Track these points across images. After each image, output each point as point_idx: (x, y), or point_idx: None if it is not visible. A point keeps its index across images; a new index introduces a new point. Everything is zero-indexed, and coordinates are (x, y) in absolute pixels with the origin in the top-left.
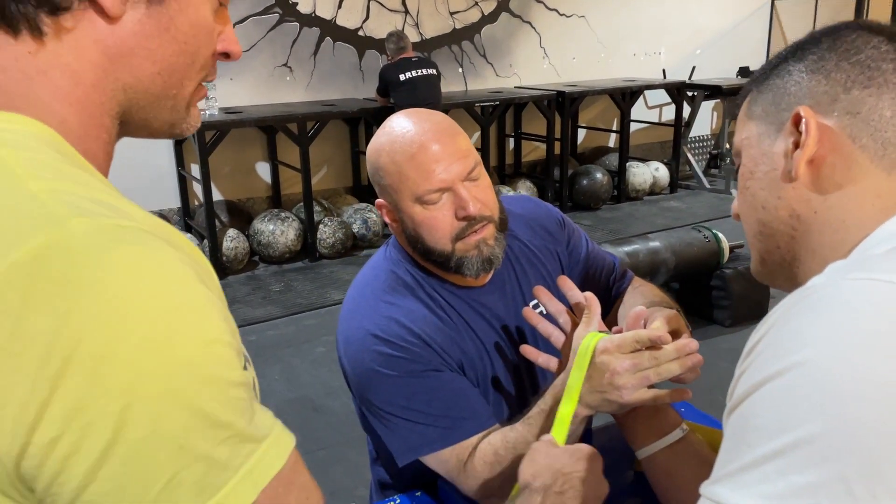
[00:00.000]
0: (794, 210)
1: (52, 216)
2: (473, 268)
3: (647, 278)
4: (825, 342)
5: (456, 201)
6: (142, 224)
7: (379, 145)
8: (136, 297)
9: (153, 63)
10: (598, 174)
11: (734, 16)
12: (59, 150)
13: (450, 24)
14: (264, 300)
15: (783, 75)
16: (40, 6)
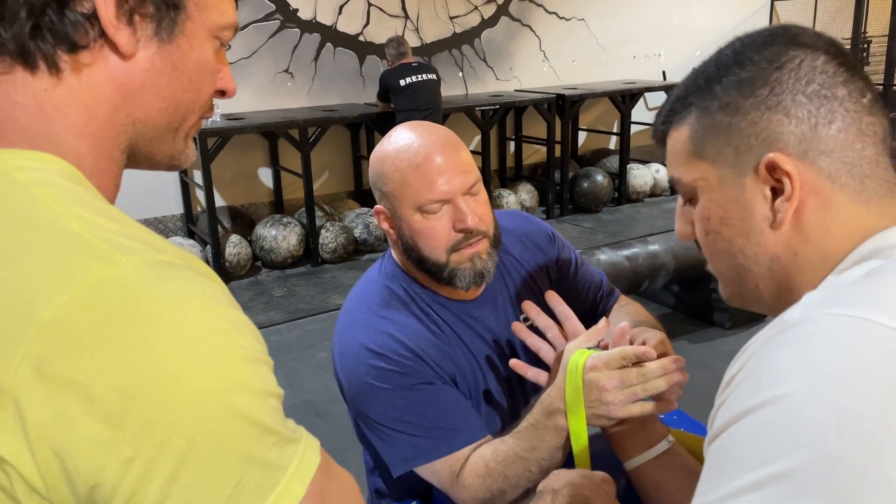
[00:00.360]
0: (775, 254)
1: (99, 254)
2: (465, 280)
3: (646, 282)
4: (802, 378)
5: (455, 214)
6: (174, 256)
7: (384, 153)
8: (190, 325)
9: (161, 99)
10: (599, 176)
11: (734, 17)
12: (83, 185)
13: (450, 28)
14: (267, 305)
15: (732, 112)
16: (59, 43)
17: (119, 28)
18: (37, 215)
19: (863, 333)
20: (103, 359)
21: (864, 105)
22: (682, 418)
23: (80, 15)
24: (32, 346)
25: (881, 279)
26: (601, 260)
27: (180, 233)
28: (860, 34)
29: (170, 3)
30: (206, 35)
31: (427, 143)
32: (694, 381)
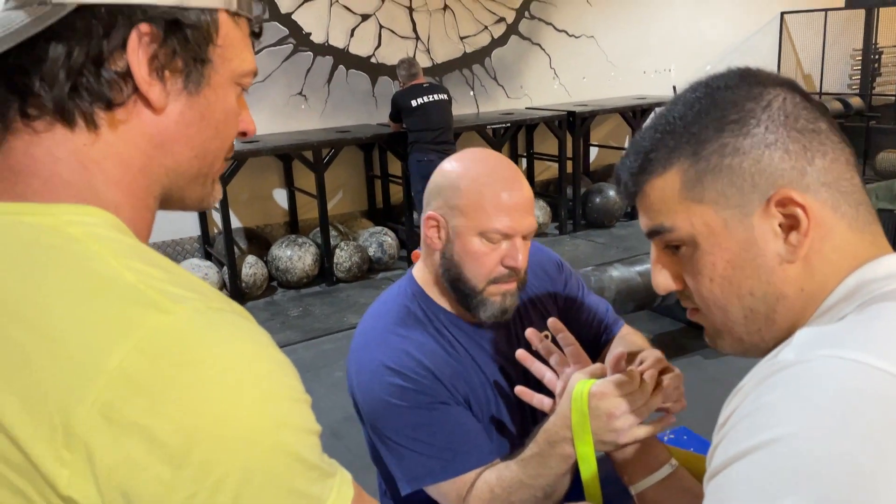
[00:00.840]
0: (783, 292)
1: (155, 304)
2: (490, 311)
3: (659, 297)
4: (798, 421)
5: (509, 250)
6: (220, 303)
7: (465, 169)
8: (241, 369)
9: (191, 148)
10: (611, 192)
11: (744, 30)
12: (128, 234)
13: (460, 48)
14: (283, 326)
15: (731, 153)
16: (96, 102)
17: (151, 84)
18: (96, 269)
19: (856, 376)
20: (166, 403)
21: (841, 137)
22: (691, 438)
23: (115, 73)
24: (101, 393)
25: (871, 318)
26: (614, 276)
27: (197, 254)
28: (871, 45)
29: (197, 58)
30: (230, 83)
31: (511, 178)
32: (708, 395)
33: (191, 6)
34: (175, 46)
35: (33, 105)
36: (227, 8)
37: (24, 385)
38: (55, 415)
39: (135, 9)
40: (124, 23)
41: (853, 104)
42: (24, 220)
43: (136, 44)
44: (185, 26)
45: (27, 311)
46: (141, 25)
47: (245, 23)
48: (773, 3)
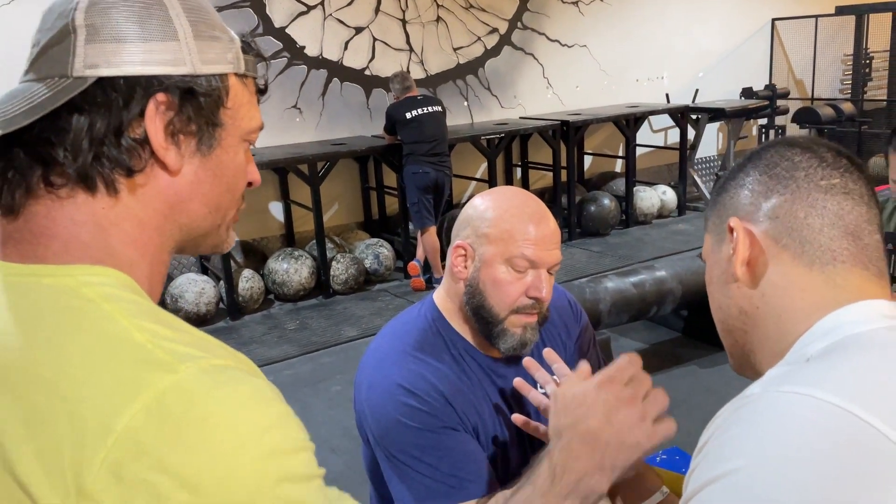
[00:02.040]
0: (741, 307)
1: (162, 364)
2: (510, 343)
3: (654, 308)
4: (754, 453)
5: (534, 281)
6: (225, 358)
7: (496, 202)
8: (244, 425)
9: (205, 205)
10: (606, 200)
11: (736, 37)
12: (138, 292)
13: (454, 59)
14: (280, 339)
15: (723, 193)
16: (117, 169)
17: (168, 149)
18: (108, 330)
19: (809, 410)
20: (171, 460)
21: (821, 187)
22: (683, 458)
23: (134, 141)
24: (110, 452)
25: (834, 358)
26: (608, 288)
27: (194, 269)
28: (862, 50)
29: (210, 122)
30: (239, 141)
31: (540, 212)
32: (704, 406)
33: (202, 73)
34: (189, 112)
35: (57, 173)
36: (236, 71)
37: (42, 444)
38: (68, 472)
39: (151, 80)
40: (142, 93)
41: (845, 109)
42: (44, 281)
43: (153, 113)
44: (199, 93)
45: (45, 372)
46: (158, 95)
47: (252, 82)
48: (765, 10)
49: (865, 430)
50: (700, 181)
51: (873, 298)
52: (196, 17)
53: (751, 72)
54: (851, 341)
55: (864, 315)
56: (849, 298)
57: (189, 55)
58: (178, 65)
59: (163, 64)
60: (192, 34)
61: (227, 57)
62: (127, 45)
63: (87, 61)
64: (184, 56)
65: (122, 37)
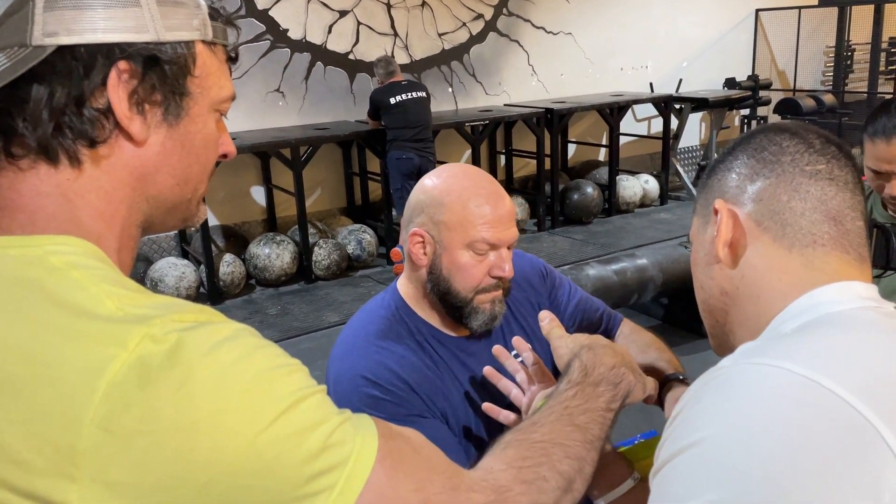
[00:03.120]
0: (723, 287)
1: (137, 320)
2: (482, 319)
3: (635, 295)
4: (721, 423)
5: (496, 261)
6: (196, 314)
7: (447, 185)
8: (227, 357)
9: (173, 176)
10: (589, 188)
11: (720, 27)
12: (107, 263)
13: (438, 45)
14: (261, 324)
15: (711, 176)
16: (79, 139)
17: (132, 119)
18: (77, 297)
19: (778, 381)
20: (160, 407)
21: (806, 172)
22: None
23: (97, 111)
24: (98, 409)
25: (807, 333)
26: (590, 275)
27: (174, 253)
28: (844, 43)
29: (176, 91)
30: (209, 111)
31: (494, 191)
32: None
33: (167, 40)
34: (154, 81)
35: (17, 144)
36: (203, 38)
37: (25, 412)
38: (60, 435)
39: (113, 47)
40: (104, 62)
41: (826, 101)
42: (10, 252)
43: (115, 81)
44: (163, 61)
45: (19, 342)
46: (120, 63)
47: (221, 50)
48: (748, 0)
49: (833, 401)
50: (682, 171)
51: (844, 278)
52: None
53: (734, 62)
54: (826, 319)
55: (840, 295)
56: (826, 280)
57: (152, 21)
58: (140, 31)
59: (125, 31)
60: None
61: (192, 23)
62: (87, 12)
63: (45, 29)
64: (146, 22)
65: (81, 3)
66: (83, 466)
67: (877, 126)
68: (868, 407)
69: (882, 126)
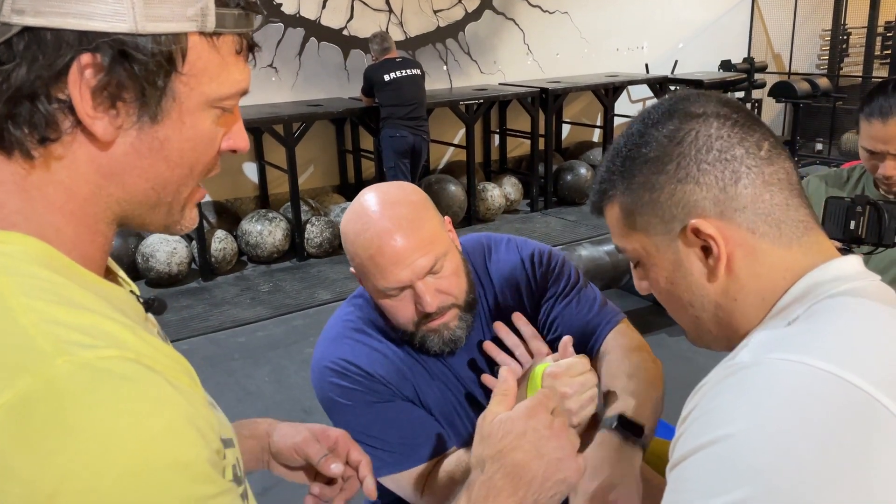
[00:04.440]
0: (717, 302)
1: (40, 354)
2: (435, 346)
3: (626, 276)
4: (746, 420)
5: (417, 297)
6: (122, 349)
7: (346, 232)
8: (116, 434)
9: (146, 180)
10: (583, 169)
11: (716, 9)
12: (52, 265)
13: (434, 22)
14: (253, 301)
15: (650, 189)
16: (31, 134)
17: (96, 118)
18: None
19: (803, 377)
20: (24, 471)
21: (763, 157)
22: None
23: (57, 104)
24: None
25: (818, 322)
26: (582, 255)
27: None
28: (840, 26)
29: (152, 90)
30: (201, 109)
31: (383, 229)
32: (673, 373)
33: (146, 32)
34: (122, 78)
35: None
36: (201, 29)
37: None
38: None
39: (81, 36)
40: (68, 51)
41: (821, 85)
42: None
43: (76, 76)
44: (133, 57)
45: None
46: (82, 56)
47: (230, 40)
48: None
49: (858, 397)
50: None
51: (834, 255)
52: None
53: (730, 44)
54: (831, 304)
55: (840, 273)
56: (821, 259)
57: (132, 9)
58: (115, 20)
59: (97, 17)
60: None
61: (186, 13)
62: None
63: (15, 5)
64: (124, 10)
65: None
66: None
67: (873, 106)
68: (890, 398)
69: (878, 106)
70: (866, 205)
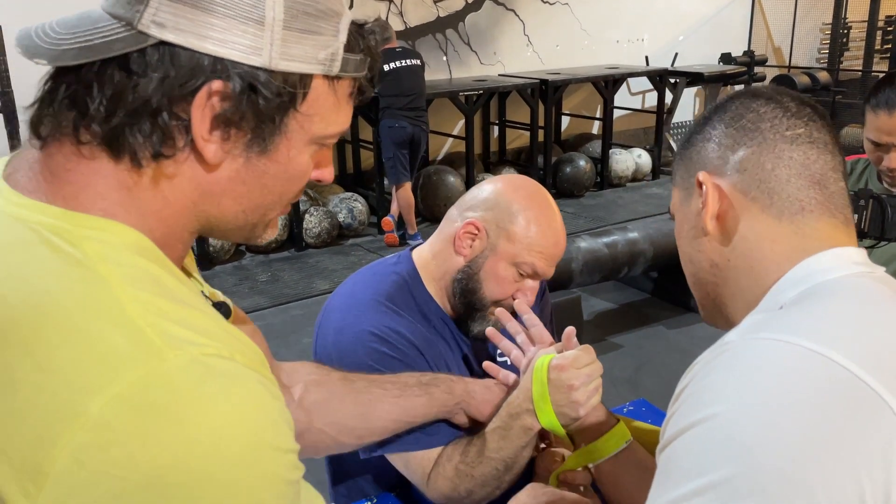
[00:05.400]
0: (713, 260)
1: (150, 347)
2: (483, 327)
3: (625, 268)
4: (734, 398)
5: (526, 288)
6: (220, 347)
7: (527, 201)
8: (228, 425)
9: (239, 203)
10: (582, 161)
11: (717, 2)
12: (149, 256)
13: (434, 12)
14: (251, 290)
15: (690, 147)
16: (146, 146)
17: (209, 141)
18: (96, 295)
19: (787, 356)
20: (142, 458)
21: (787, 137)
22: (649, 410)
23: (176, 121)
24: (76, 435)
25: (809, 305)
26: (581, 247)
27: None
28: (840, 20)
29: (269, 124)
30: (305, 144)
31: (560, 229)
32: (670, 365)
33: (277, 69)
34: (246, 110)
35: (85, 125)
36: (326, 73)
37: (5, 408)
38: (28, 447)
39: (216, 62)
40: (200, 74)
41: (820, 79)
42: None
43: (203, 100)
44: (263, 93)
45: (23, 332)
46: (214, 83)
47: (347, 83)
48: None
49: (842, 374)
50: (675, 145)
51: (842, 246)
52: (297, 1)
53: (730, 37)
54: (824, 288)
55: (835, 262)
56: (819, 247)
57: (270, 45)
58: (252, 53)
59: (235, 48)
60: (283, 21)
61: (317, 56)
62: (203, 15)
63: (156, 17)
64: (263, 45)
65: (201, 3)
66: (44, 488)
67: (879, 98)
68: (875, 378)
69: (885, 98)
70: (869, 198)
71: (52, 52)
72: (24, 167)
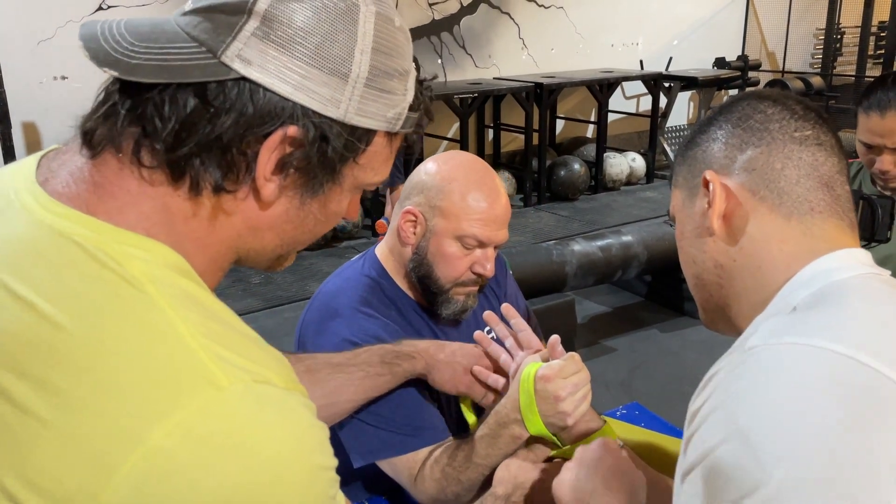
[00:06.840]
0: (717, 261)
1: (210, 376)
2: (452, 308)
3: (619, 272)
4: (765, 408)
5: (480, 258)
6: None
7: (453, 173)
8: (283, 451)
9: (280, 238)
10: (576, 165)
11: (711, 6)
12: (188, 276)
13: (429, 15)
14: (245, 292)
15: (694, 147)
16: (208, 178)
17: (269, 181)
18: (151, 320)
19: (818, 361)
20: (205, 487)
21: (796, 139)
22: (643, 413)
23: (242, 156)
24: (136, 465)
25: (829, 305)
26: (575, 250)
27: None
28: (834, 25)
29: (329, 172)
30: (350, 190)
31: (496, 190)
32: (663, 368)
33: (349, 123)
34: (312, 157)
35: (148, 146)
36: (389, 130)
37: (68, 430)
38: (86, 477)
39: (296, 108)
40: (276, 117)
41: (814, 83)
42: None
43: (275, 143)
44: (333, 145)
45: (78, 352)
46: (290, 128)
47: (400, 137)
48: None
49: (875, 378)
50: (669, 149)
51: (845, 246)
52: (381, 61)
53: (724, 42)
54: (836, 288)
55: (844, 263)
56: (827, 248)
57: (349, 100)
58: (329, 105)
59: (315, 96)
60: (366, 79)
61: (387, 115)
62: (290, 59)
63: (242, 53)
64: (342, 98)
65: (291, 47)
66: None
67: (871, 100)
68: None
69: (877, 100)
70: (859, 200)
71: (125, 63)
72: (63, 174)
